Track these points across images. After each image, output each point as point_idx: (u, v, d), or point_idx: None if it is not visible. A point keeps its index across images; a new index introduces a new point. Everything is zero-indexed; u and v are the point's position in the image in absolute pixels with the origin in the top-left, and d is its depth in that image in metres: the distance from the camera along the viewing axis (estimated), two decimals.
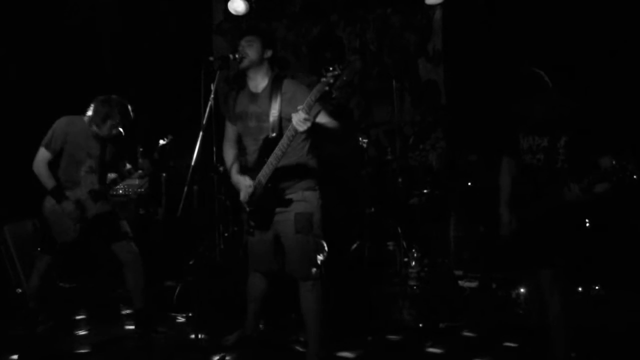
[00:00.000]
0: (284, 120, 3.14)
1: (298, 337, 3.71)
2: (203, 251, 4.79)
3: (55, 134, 3.75)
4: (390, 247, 4.79)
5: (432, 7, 5.95)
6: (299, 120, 2.83)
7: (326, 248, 3.30)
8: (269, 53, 3.28)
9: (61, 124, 3.78)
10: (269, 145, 3.13)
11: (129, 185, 5.16)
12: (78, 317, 4.36)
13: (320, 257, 3.25)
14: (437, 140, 5.90)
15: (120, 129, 3.84)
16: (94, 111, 3.78)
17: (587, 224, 3.95)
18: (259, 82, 3.29)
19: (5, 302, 4.46)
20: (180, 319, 4.24)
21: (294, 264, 3.25)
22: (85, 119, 3.81)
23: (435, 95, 6.06)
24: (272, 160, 3.09)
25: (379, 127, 5.90)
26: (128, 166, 3.97)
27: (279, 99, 3.18)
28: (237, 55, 3.17)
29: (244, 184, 3.24)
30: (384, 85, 6.00)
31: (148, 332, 3.85)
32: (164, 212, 5.37)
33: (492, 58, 5.28)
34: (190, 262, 4.56)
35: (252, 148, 3.31)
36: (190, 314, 4.17)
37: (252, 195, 3.22)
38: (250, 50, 3.21)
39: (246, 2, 6.11)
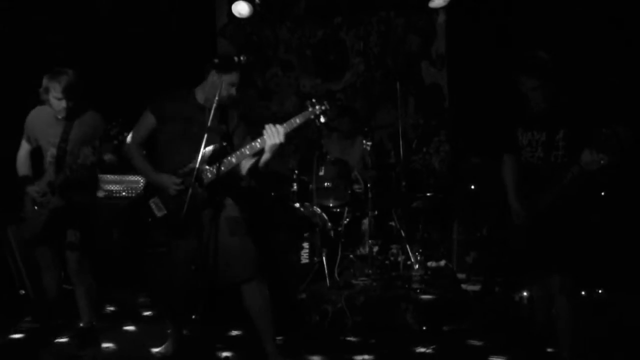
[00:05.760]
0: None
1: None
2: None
3: (26, 124, 3.69)
4: (394, 251, 4.79)
5: (436, 10, 5.96)
6: (274, 132, 2.95)
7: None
8: None
9: (29, 115, 3.69)
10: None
11: (131, 186, 5.11)
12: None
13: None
14: (440, 143, 5.90)
15: (62, 95, 3.41)
16: (42, 89, 3.48)
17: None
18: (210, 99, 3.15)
19: (9, 304, 4.47)
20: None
21: (235, 267, 3.12)
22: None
23: (438, 98, 6.06)
24: (245, 151, 3.05)
25: (382, 130, 5.91)
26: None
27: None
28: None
29: (171, 180, 3.08)
30: (387, 88, 6.01)
31: (89, 352, 3.59)
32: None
33: (495, 61, 5.28)
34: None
35: (183, 149, 3.13)
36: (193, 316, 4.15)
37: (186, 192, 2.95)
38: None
39: (250, 5, 6.11)
